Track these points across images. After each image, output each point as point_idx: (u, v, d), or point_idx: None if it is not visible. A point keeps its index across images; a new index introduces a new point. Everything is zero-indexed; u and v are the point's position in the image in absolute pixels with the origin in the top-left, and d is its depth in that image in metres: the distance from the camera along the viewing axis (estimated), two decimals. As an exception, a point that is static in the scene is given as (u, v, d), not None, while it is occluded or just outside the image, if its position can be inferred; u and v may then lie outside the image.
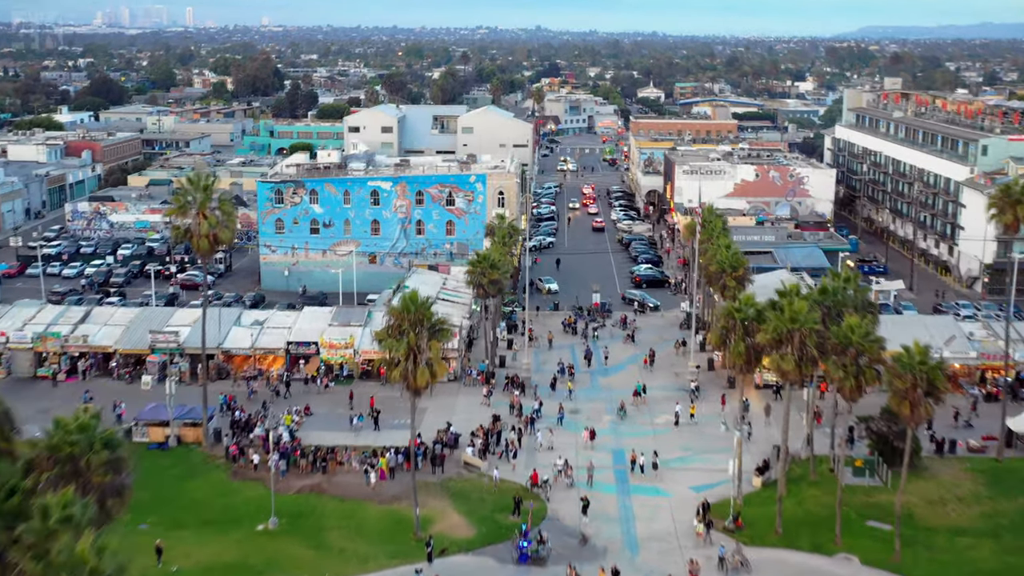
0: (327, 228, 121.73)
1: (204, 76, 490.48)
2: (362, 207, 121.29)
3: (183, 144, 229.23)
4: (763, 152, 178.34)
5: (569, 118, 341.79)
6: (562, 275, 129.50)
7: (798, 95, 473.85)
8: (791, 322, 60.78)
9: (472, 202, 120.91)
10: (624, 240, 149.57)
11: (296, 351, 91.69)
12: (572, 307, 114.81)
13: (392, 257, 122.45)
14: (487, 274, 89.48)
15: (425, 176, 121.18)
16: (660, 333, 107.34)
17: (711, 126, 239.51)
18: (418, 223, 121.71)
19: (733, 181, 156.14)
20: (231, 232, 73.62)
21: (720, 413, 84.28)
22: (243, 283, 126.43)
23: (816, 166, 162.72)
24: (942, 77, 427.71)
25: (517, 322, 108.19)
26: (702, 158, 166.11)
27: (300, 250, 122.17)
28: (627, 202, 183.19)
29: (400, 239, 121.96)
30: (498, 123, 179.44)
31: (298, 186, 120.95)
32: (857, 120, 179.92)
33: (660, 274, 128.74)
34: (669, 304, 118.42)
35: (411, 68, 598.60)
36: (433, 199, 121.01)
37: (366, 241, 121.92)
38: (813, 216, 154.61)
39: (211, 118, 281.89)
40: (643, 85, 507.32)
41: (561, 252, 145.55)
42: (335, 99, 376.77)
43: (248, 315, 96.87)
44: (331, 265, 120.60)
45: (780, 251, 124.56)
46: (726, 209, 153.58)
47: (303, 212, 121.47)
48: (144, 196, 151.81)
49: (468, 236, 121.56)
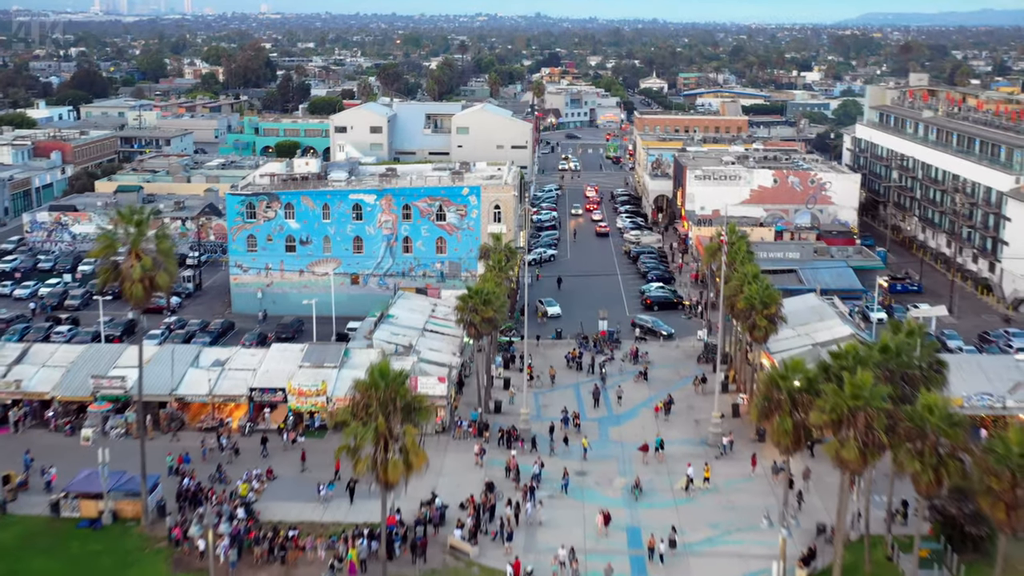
0: (304, 246, 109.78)
1: (196, 66, 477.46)
2: (343, 222, 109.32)
3: (163, 142, 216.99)
4: (779, 154, 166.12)
5: (570, 111, 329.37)
6: (565, 296, 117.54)
7: (805, 85, 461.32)
8: (853, 399, 48.82)
9: (465, 217, 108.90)
10: (632, 253, 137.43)
11: (260, 399, 79.74)
12: (576, 335, 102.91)
13: (376, 278, 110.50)
14: (479, 311, 77.50)
15: (413, 188, 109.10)
16: (676, 367, 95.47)
17: (720, 122, 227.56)
18: (405, 240, 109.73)
19: (749, 187, 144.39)
20: (170, 276, 61.49)
21: (750, 474, 72.43)
22: (213, 305, 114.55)
23: (839, 170, 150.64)
24: (964, 70, 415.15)
25: (515, 354, 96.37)
26: (715, 161, 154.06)
27: (275, 270, 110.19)
28: (633, 207, 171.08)
29: (385, 258, 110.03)
30: (495, 123, 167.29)
31: (272, 199, 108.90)
32: (881, 119, 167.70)
33: (673, 294, 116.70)
34: (684, 330, 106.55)
35: (408, 57, 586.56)
36: (422, 213, 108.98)
37: (347, 260, 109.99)
38: (836, 225, 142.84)
39: (196, 113, 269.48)
40: (645, 75, 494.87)
41: (564, 266, 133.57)
42: (328, 91, 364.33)
43: (208, 354, 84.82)
44: (309, 286, 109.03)
45: (807, 270, 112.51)
46: (741, 217, 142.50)
47: (277, 228, 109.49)
48: (111, 205, 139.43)
49: (461, 255, 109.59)
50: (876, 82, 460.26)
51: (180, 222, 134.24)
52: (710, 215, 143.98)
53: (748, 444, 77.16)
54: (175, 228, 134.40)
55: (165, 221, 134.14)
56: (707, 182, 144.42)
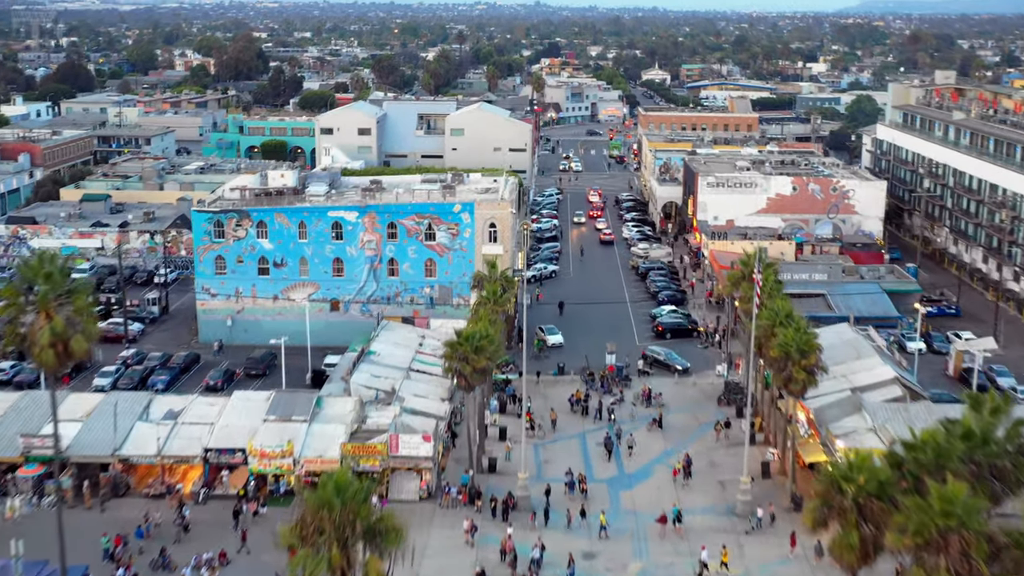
0: (278, 268, 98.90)
1: (187, 57, 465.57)
2: (322, 242, 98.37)
3: (143, 142, 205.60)
4: (796, 157, 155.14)
5: (571, 105, 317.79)
6: (567, 321, 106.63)
7: (811, 77, 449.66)
8: (944, 518, 37.93)
9: (457, 236, 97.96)
10: (640, 269, 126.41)
11: (217, 460, 68.95)
12: (581, 370, 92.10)
13: (359, 304, 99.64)
14: (471, 360, 66.62)
15: (399, 205, 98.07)
16: (694, 411, 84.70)
17: (730, 120, 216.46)
18: (390, 262, 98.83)
19: (766, 195, 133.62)
20: (88, 339, 50.46)
21: (788, 556, 61.69)
22: (180, 332, 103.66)
23: (863, 176, 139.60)
24: (979, 63, 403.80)
25: (512, 394, 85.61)
26: (728, 166, 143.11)
27: (246, 295, 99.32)
28: (640, 214, 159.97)
29: (368, 282, 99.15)
30: (492, 123, 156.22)
31: (242, 217, 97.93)
32: (905, 120, 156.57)
33: (687, 320, 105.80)
34: (700, 363, 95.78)
35: (406, 47, 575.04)
36: (408, 232, 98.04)
37: (326, 284, 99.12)
38: (860, 236, 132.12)
39: (181, 108, 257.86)
40: (647, 67, 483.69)
41: (566, 284, 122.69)
42: (321, 84, 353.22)
43: (161, 404, 73.93)
44: (284, 313, 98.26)
45: (836, 295, 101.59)
46: (757, 228, 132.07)
47: (249, 248, 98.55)
48: (74, 216, 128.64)
49: (452, 278, 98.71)
50: (884, 74, 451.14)
51: (148, 235, 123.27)
52: (724, 225, 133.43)
53: (783, 514, 66.44)
54: (143, 242, 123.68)
55: (128, 236, 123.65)
56: (721, 190, 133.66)
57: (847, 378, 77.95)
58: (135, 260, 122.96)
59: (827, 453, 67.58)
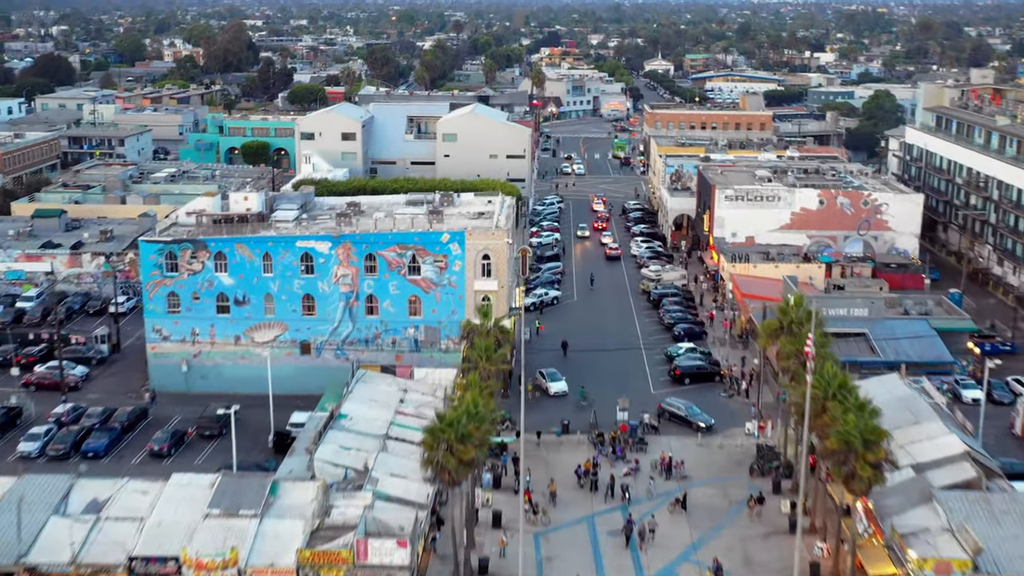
0: (240, 306, 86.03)
1: (176, 48, 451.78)
2: (289, 276, 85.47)
3: (116, 143, 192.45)
4: (820, 164, 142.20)
5: (572, 99, 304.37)
6: (571, 364, 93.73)
7: (819, 67, 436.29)
8: None
9: (445, 270, 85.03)
10: (652, 295, 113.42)
11: (145, 571, 56.17)
12: (589, 429, 79.39)
13: (333, 347, 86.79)
14: (455, 451, 53.81)
15: (378, 234, 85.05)
16: (723, 484, 72.04)
17: (742, 118, 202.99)
18: (369, 299, 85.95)
19: (790, 210, 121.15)
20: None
21: None
22: (131, 377, 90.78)
23: (895, 188, 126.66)
24: (998, 56, 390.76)
25: (508, 465, 73.04)
26: (747, 176, 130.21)
27: (203, 337, 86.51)
28: (649, 226, 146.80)
29: (343, 322, 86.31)
30: (487, 128, 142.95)
31: (198, 247, 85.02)
32: (939, 123, 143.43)
33: (707, 360, 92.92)
34: (724, 415, 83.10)
35: (402, 36, 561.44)
36: (390, 266, 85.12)
37: (296, 324, 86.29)
38: (893, 255, 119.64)
39: (162, 105, 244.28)
40: (650, 56, 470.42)
41: (570, 314, 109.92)
42: (312, 76, 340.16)
43: (82, 492, 61.08)
44: (247, 357, 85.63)
45: (880, 336, 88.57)
46: (780, 245, 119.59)
47: (206, 283, 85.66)
48: (23, 234, 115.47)
49: (440, 318, 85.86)
50: (894, 64, 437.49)
51: (103, 258, 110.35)
52: (744, 243, 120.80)
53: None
54: (97, 265, 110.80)
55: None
56: (740, 204, 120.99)
57: (907, 451, 65.14)
58: (89, 286, 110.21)
59: (894, 562, 54.95)
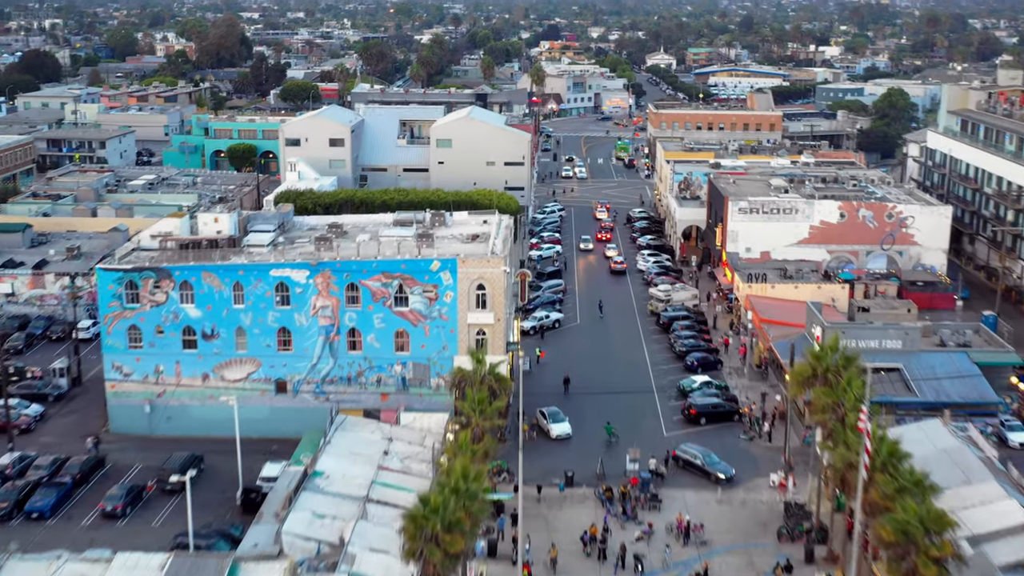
0: (208, 341, 77.69)
1: (168, 42, 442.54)
2: (263, 308, 77.10)
3: (97, 145, 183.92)
4: (837, 170, 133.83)
5: (573, 96, 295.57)
6: (574, 401, 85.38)
7: (824, 62, 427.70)
8: None
9: (436, 301, 76.67)
10: (661, 318, 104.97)
11: None
12: (595, 480, 71.18)
13: (311, 385, 78.49)
14: (441, 542, 45.52)
15: (361, 262, 76.61)
16: (748, 551, 63.74)
17: (750, 118, 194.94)
18: (351, 333, 77.60)
19: (809, 223, 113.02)
20: None
21: None
22: (90, 416, 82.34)
23: (921, 199, 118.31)
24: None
25: (504, 529, 64.80)
26: (761, 186, 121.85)
27: (168, 374, 78.20)
28: (656, 237, 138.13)
29: (323, 358, 77.98)
30: (484, 133, 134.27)
31: (162, 276, 76.64)
32: (964, 127, 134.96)
33: (724, 396, 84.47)
34: (746, 463, 74.81)
35: (400, 30, 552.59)
36: (374, 296, 76.77)
37: (270, 360, 77.96)
38: (919, 272, 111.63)
39: (148, 104, 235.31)
40: (651, 51, 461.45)
41: (574, 339, 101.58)
42: (307, 72, 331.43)
43: (10, 574, 52.85)
44: (216, 397, 77.26)
45: (916, 372, 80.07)
46: (798, 261, 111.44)
47: (171, 316, 77.32)
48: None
49: (430, 353, 77.53)
50: (899, 58, 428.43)
51: (68, 278, 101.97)
52: (758, 259, 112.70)
53: None
54: (62, 286, 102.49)
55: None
56: (755, 217, 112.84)
57: (960, 517, 56.74)
58: (52, 309, 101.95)
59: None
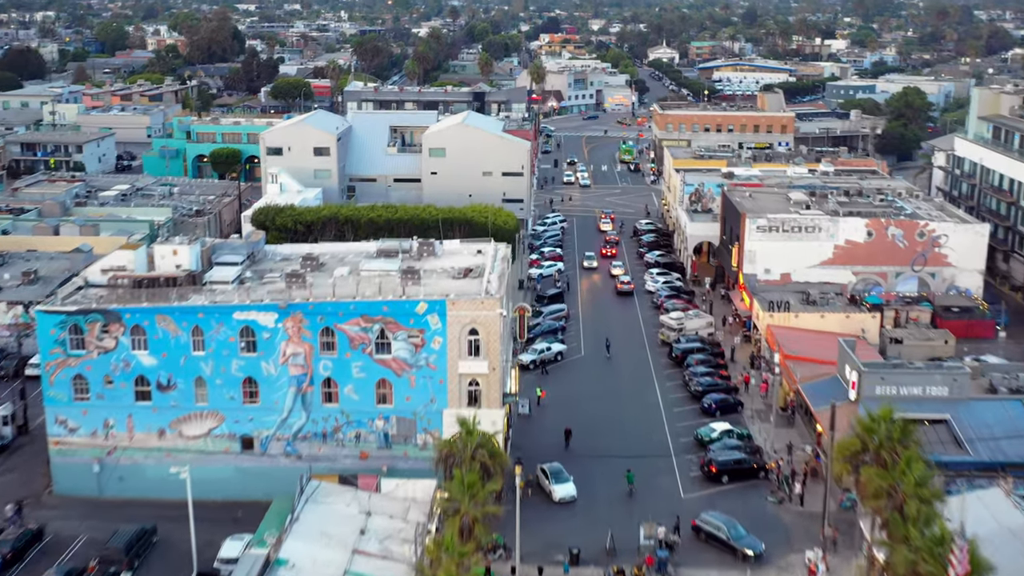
0: (165, 392, 68.41)
1: (160, 36, 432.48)
2: (226, 356, 67.81)
3: (74, 149, 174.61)
4: (859, 180, 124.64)
5: (574, 93, 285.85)
6: (580, 455, 76.07)
7: (830, 55, 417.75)
8: None
9: (422, 348, 67.37)
10: (674, 350, 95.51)
11: None
12: (605, 561, 61.93)
13: (282, 442, 69.24)
14: None
15: (336, 303, 67.26)
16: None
17: (761, 119, 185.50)
18: (326, 384, 68.32)
19: (833, 242, 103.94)
20: None
21: None
22: (33, 472, 72.96)
23: (953, 214, 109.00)
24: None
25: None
26: (780, 200, 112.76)
27: (119, 429, 68.95)
28: (664, 253, 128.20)
29: (295, 412, 68.71)
30: (480, 142, 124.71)
31: (111, 319, 67.32)
32: (996, 135, 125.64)
33: (748, 450, 75.11)
34: (776, 533, 65.50)
35: (398, 22, 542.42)
36: (352, 342, 67.47)
37: (234, 414, 68.70)
38: (954, 296, 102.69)
39: (132, 103, 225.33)
40: (653, 44, 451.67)
41: (578, 375, 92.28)
42: (299, 68, 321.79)
43: None
44: (174, 455, 68.08)
45: (967, 426, 70.67)
46: (821, 283, 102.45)
47: (121, 364, 68.01)
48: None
49: (416, 407, 68.26)
50: (908, 52, 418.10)
51: (22, 308, 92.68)
52: (778, 281, 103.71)
53: None
54: (15, 316, 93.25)
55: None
56: (774, 235, 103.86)
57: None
58: (5, 341, 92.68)
59: None
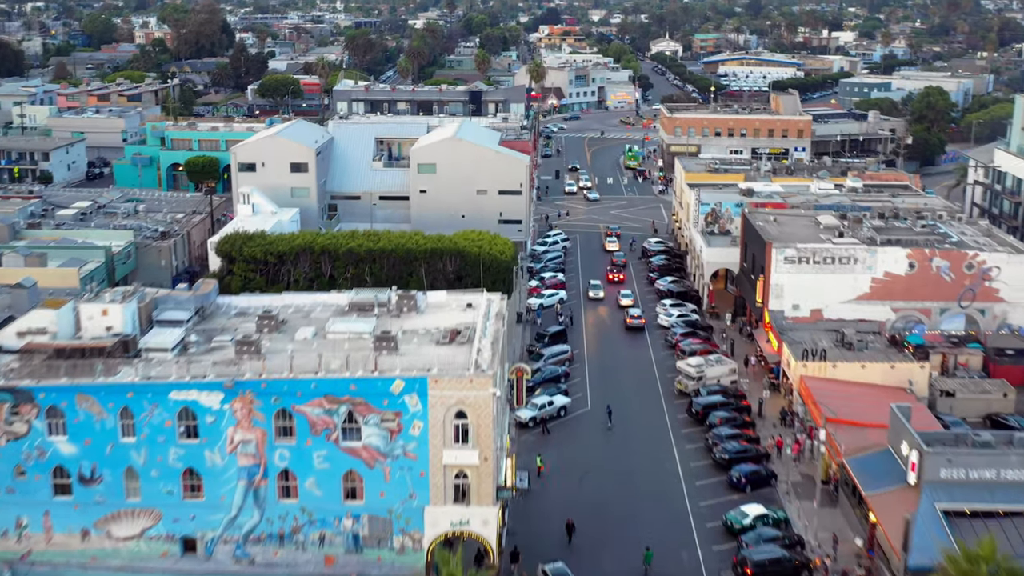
0: (88, 485, 56.68)
1: (148, 29, 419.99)
2: (162, 443, 56.08)
3: (40, 156, 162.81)
4: (891, 197, 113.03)
5: (575, 90, 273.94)
6: (586, 546, 64.30)
7: (838, 48, 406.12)
8: None
9: (399, 434, 55.62)
10: (694, 405, 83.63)
11: None
12: None
13: (229, 544, 57.50)
14: None
15: (294, 381, 55.37)
16: None
17: (776, 123, 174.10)
18: (283, 476, 56.59)
19: (870, 275, 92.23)
20: None
21: None
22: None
23: (1012, 247, 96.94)
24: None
25: None
26: (809, 225, 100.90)
27: (34, 529, 57.27)
28: (677, 279, 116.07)
29: (246, 509, 56.96)
30: (474, 157, 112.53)
31: (21, 399, 55.53)
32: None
33: (787, 543, 63.40)
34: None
35: (394, 13, 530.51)
36: (314, 427, 55.69)
37: (173, 511, 56.96)
38: (1007, 336, 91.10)
39: (110, 103, 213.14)
40: (656, 36, 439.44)
41: (582, 436, 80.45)
42: (289, 63, 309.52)
43: None
44: (100, 559, 56.30)
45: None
46: (857, 322, 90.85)
47: (35, 453, 56.31)
48: None
49: (391, 504, 56.52)
50: (918, 44, 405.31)
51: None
52: (808, 318, 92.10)
53: None
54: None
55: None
56: (804, 267, 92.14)
57: None
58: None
59: None
